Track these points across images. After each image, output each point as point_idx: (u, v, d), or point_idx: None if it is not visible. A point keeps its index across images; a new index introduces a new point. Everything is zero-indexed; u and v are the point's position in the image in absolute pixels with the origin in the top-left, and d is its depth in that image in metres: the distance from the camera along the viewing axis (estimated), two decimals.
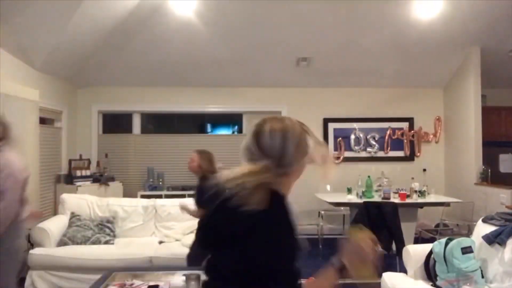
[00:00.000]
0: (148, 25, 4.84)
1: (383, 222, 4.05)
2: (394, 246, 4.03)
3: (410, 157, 6.29)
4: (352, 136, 6.26)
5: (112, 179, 5.64)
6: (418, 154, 6.29)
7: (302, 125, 1.31)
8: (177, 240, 3.93)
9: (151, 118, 6.62)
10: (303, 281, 1.14)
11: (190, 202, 3.36)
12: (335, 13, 4.75)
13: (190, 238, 3.84)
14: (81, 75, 5.60)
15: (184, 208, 3.22)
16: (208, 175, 3.03)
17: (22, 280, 3.51)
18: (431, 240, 4.28)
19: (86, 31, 4.44)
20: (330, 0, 4.54)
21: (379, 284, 3.00)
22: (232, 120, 6.54)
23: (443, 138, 6.32)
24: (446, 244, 2.74)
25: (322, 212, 5.45)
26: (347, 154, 6.23)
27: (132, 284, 2.49)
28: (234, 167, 1.11)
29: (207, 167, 3.10)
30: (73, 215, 4.05)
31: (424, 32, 5.01)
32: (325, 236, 5.42)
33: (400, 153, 6.31)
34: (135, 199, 4.69)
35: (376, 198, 4.73)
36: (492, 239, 2.77)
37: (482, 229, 2.95)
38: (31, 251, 3.53)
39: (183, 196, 5.34)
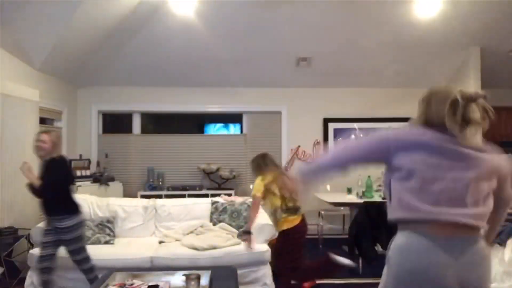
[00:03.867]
0: (148, 25, 4.84)
1: (383, 222, 4.05)
2: None
3: None
4: (352, 136, 6.26)
5: (112, 179, 5.64)
6: None
7: None
8: (177, 240, 3.92)
9: (151, 118, 6.62)
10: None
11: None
12: (335, 13, 4.75)
13: (190, 238, 3.85)
14: (81, 75, 5.60)
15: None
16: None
17: (22, 280, 3.52)
18: None
19: (86, 31, 4.44)
20: (330, 0, 4.54)
21: (379, 283, 2.99)
22: (232, 120, 6.54)
23: None
24: None
25: (322, 212, 5.45)
26: None
27: (132, 284, 2.49)
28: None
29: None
30: None
31: (424, 32, 5.01)
32: (325, 236, 5.42)
33: None
34: (135, 199, 4.68)
35: (376, 198, 4.73)
36: None
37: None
38: (31, 251, 3.52)
39: (183, 196, 5.35)
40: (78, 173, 5.30)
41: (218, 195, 4.65)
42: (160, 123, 6.82)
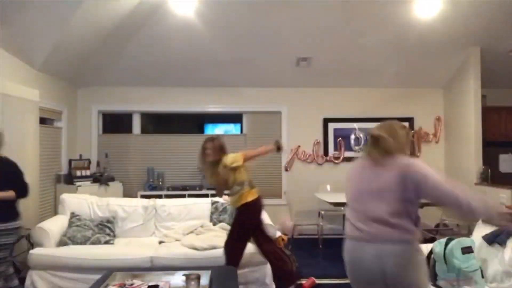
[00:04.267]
0: (148, 25, 4.84)
1: None
2: None
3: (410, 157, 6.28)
4: (352, 136, 6.26)
5: (112, 179, 5.64)
6: (418, 154, 6.29)
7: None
8: (177, 240, 3.93)
9: (151, 118, 6.62)
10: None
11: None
12: (335, 13, 4.75)
13: (190, 238, 3.85)
14: (81, 75, 5.60)
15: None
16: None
17: (22, 280, 3.52)
18: (431, 240, 4.28)
19: (86, 31, 4.44)
20: (330, 0, 4.54)
21: None
22: (232, 120, 6.54)
23: (443, 138, 6.32)
24: (446, 244, 2.74)
25: (322, 212, 5.45)
26: (347, 154, 6.23)
27: (132, 284, 2.49)
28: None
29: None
30: (73, 215, 4.04)
31: (424, 32, 5.01)
32: (325, 236, 5.42)
33: None
34: (135, 199, 4.69)
35: None
36: (492, 239, 2.77)
37: (482, 229, 2.95)
38: (31, 251, 3.53)
39: (183, 196, 5.36)
40: (78, 173, 5.31)
41: None
42: (160, 123, 6.82)
